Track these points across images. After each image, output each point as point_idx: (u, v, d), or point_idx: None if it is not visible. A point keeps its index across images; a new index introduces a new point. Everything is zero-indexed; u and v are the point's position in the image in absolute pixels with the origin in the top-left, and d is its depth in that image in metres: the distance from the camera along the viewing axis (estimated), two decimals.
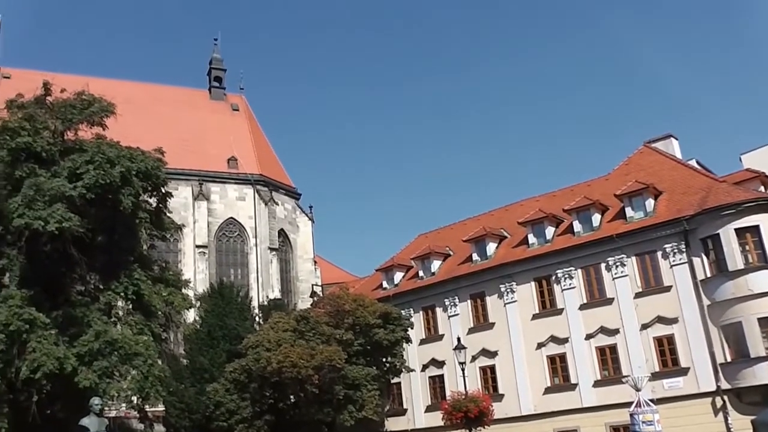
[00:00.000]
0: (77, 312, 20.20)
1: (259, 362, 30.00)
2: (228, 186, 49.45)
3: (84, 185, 19.65)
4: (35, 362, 18.00)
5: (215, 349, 34.66)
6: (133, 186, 20.71)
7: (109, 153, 20.47)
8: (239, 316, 36.64)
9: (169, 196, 23.74)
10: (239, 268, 48.29)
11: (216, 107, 55.24)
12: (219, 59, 57.95)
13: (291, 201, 52.71)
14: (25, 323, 18.13)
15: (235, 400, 30.96)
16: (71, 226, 18.85)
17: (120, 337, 19.62)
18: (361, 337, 32.62)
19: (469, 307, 36.87)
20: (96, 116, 21.97)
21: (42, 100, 21.93)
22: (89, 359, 19.16)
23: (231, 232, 48.73)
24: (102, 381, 19.16)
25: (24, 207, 18.85)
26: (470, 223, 41.25)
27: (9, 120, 20.36)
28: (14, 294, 18.58)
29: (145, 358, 19.80)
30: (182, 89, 56.14)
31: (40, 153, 20.31)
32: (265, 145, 55.58)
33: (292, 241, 51.36)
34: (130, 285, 21.05)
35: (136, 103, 44.50)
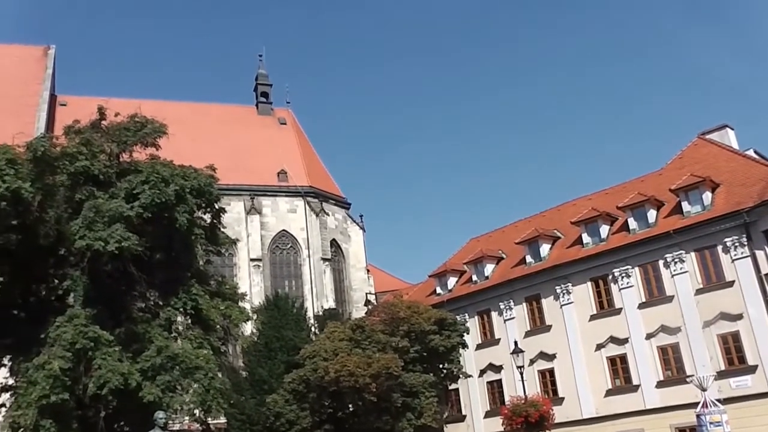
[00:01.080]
0: (139, 328, 20.65)
1: (317, 372, 30.23)
2: (279, 199, 50.05)
3: (140, 205, 20.09)
4: (101, 378, 18.45)
5: (273, 360, 35.08)
6: (187, 203, 21.10)
7: (163, 172, 20.90)
8: (295, 327, 37.03)
9: (222, 211, 24.10)
10: (293, 280, 48.75)
11: (264, 122, 56.02)
12: (264, 75, 58.79)
13: (341, 211, 53.05)
14: (90, 341, 18.61)
15: (294, 411, 31.26)
16: (130, 245, 19.29)
17: (181, 352, 19.97)
18: (417, 344, 32.60)
19: (524, 310, 36.53)
20: (149, 137, 22.45)
21: (97, 125, 22.52)
22: (152, 374, 19.54)
23: (284, 245, 49.27)
24: (165, 395, 19.50)
25: (85, 229, 19.38)
26: (522, 225, 40.91)
27: (67, 145, 20.93)
28: (79, 313, 19.09)
29: (205, 372, 20.10)
30: (230, 106, 57.16)
31: (97, 176, 20.86)
32: (314, 156, 56.10)
33: (344, 250, 51.66)
34: (188, 300, 21.41)
35: (186, 122, 45.44)
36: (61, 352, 18.24)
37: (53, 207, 20.45)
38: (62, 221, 20.39)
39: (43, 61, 51.23)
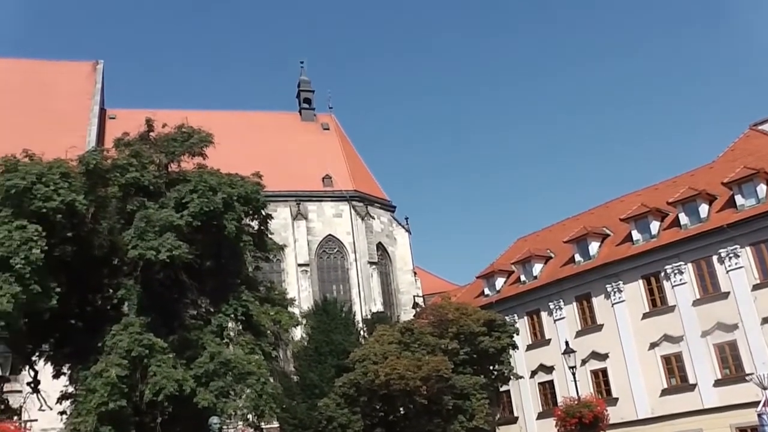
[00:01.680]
0: (192, 335, 20.98)
1: (367, 375, 30.29)
2: (324, 204, 50.37)
3: (190, 214, 20.41)
4: (157, 385, 18.80)
5: (323, 364, 35.29)
6: (235, 211, 21.36)
7: (211, 181, 21.21)
8: (344, 330, 37.20)
9: (269, 218, 24.32)
10: (341, 284, 48.99)
11: (307, 128, 56.46)
12: (307, 81, 59.24)
13: (386, 214, 53.13)
14: (145, 348, 18.99)
15: (346, 414, 31.36)
16: (181, 253, 19.63)
17: (233, 358, 20.20)
18: (467, 346, 32.45)
19: (575, 310, 36.08)
20: (196, 147, 22.79)
21: (146, 136, 22.96)
22: (206, 380, 19.82)
23: (331, 249, 49.54)
24: (219, 400, 19.77)
25: (137, 239, 19.79)
26: (570, 224, 40.42)
27: (118, 158, 21.38)
28: (134, 321, 19.49)
29: (257, 377, 20.30)
30: (274, 113, 57.76)
31: (147, 186, 21.27)
32: (358, 160, 56.34)
33: (390, 253, 51.72)
34: (239, 306, 21.68)
35: (232, 131, 46.07)
36: (117, 359, 18.63)
37: (106, 218, 20.91)
38: (115, 232, 20.84)
39: (93, 77, 52.55)
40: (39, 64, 52.84)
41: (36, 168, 19.39)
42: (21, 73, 50.80)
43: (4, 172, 19.76)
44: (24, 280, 18.08)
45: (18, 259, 17.98)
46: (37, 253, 18.25)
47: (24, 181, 18.84)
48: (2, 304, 17.40)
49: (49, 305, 19.06)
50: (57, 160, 20.16)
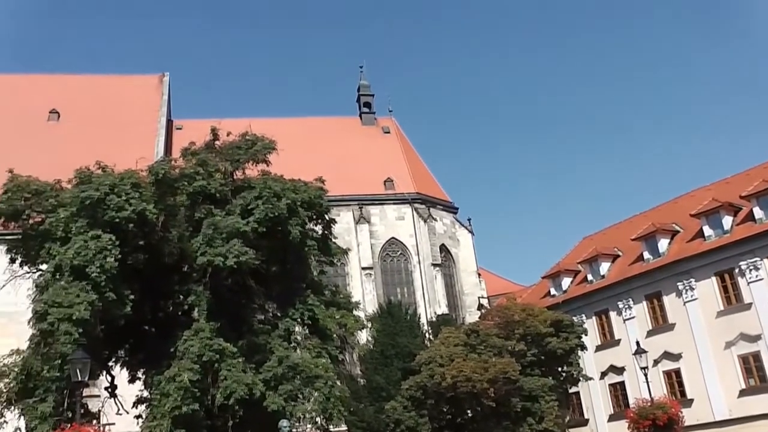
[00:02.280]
0: (260, 340, 21.33)
1: (434, 378, 30.21)
2: (387, 207, 50.47)
3: (255, 220, 20.79)
4: (227, 389, 19.16)
5: (389, 367, 35.37)
6: (299, 216, 21.64)
7: (275, 187, 21.55)
8: (409, 333, 37.21)
9: (333, 222, 24.55)
10: (405, 287, 48.99)
11: (368, 132, 56.73)
12: (366, 85, 59.52)
13: (449, 216, 52.91)
14: (215, 353, 19.38)
15: (413, 417, 31.33)
16: (247, 259, 20.00)
17: (301, 361, 20.45)
18: (534, 348, 32.02)
19: (645, 309, 35.21)
20: (260, 154, 23.18)
21: (211, 145, 23.47)
22: (275, 384, 20.11)
23: (394, 252, 49.61)
24: (288, 404, 20.03)
25: (205, 245, 20.24)
26: (637, 221, 39.48)
27: (185, 167, 21.93)
28: (204, 327, 19.92)
29: (325, 380, 20.48)
30: (335, 119, 58.21)
31: (214, 194, 21.72)
32: (419, 163, 56.29)
33: (453, 255, 51.46)
34: (305, 310, 21.93)
35: (294, 137, 46.61)
36: (189, 364, 19.06)
37: (175, 226, 21.43)
38: (184, 239, 21.33)
39: (159, 89, 54.03)
40: (108, 79, 54.71)
41: (108, 179, 20.05)
42: (92, 88, 52.62)
43: (79, 183, 20.53)
44: (100, 288, 18.71)
45: (94, 267, 18.63)
46: (112, 261, 18.88)
47: (98, 192, 19.50)
48: (80, 312, 18.04)
49: (124, 312, 19.68)
50: (128, 171, 20.79)
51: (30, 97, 50.25)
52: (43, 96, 50.43)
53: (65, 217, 20.02)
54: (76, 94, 51.39)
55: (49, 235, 20.42)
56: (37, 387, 19.68)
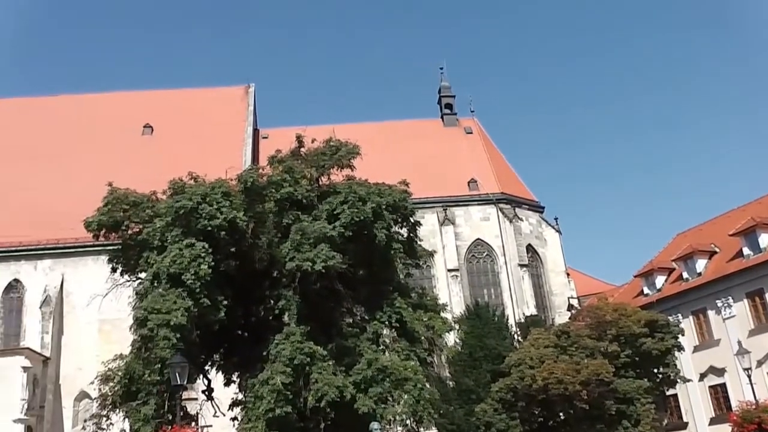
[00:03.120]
0: (349, 342, 21.55)
1: (524, 380, 29.79)
2: (471, 208, 50.15)
3: (341, 224, 21.04)
4: (319, 392, 19.44)
5: (478, 369, 35.10)
6: (384, 219, 21.75)
7: (360, 191, 21.76)
8: (498, 335, 36.84)
9: (418, 225, 24.55)
10: (491, 288, 48.52)
11: (450, 133, 56.55)
12: (447, 87, 59.39)
13: (535, 215, 52.10)
14: (306, 356, 19.70)
15: (504, 420, 30.97)
16: (335, 263, 20.24)
17: (390, 364, 20.52)
18: (627, 348, 31.12)
19: (746, 307, 33.69)
20: (344, 159, 23.44)
21: (297, 152, 23.91)
22: (365, 386, 20.27)
23: (480, 253, 49.22)
24: (378, 406, 20.15)
25: (293, 251, 20.62)
26: (735, 215, 37.80)
27: (272, 174, 22.42)
28: (295, 330, 20.29)
29: (414, 383, 20.49)
30: (416, 121, 58.30)
31: (301, 200, 22.10)
32: (503, 163, 55.69)
33: (541, 255, 50.63)
34: (392, 313, 22.03)
35: (377, 141, 47.03)
36: (281, 367, 19.44)
37: (264, 233, 21.92)
38: (273, 245, 21.78)
39: (245, 100, 55.58)
40: (197, 93, 56.63)
41: (200, 189, 20.73)
42: (182, 102, 54.68)
43: (173, 194, 21.31)
44: (195, 294, 19.36)
45: (189, 275, 19.29)
46: (205, 268, 19.49)
47: (191, 201, 20.19)
48: (177, 318, 18.71)
49: (218, 317, 20.29)
50: (218, 180, 21.44)
51: (125, 113, 52.71)
52: (137, 111, 52.76)
53: (161, 226, 20.83)
54: (167, 109, 53.52)
55: (146, 244, 21.30)
56: (139, 390, 20.56)
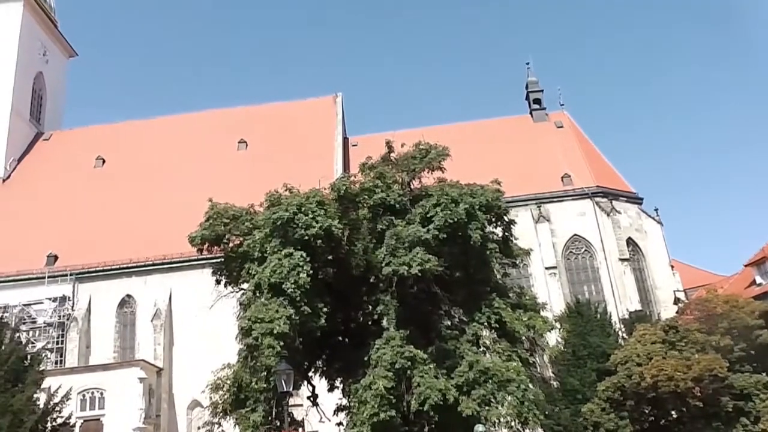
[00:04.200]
0: (449, 345, 21.52)
1: (632, 378, 28.91)
2: (566, 203, 48.97)
3: (435, 227, 21.09)
4: (422, 395, 19.51)
5: (582, 368, 34.25)
6: (478, 220, 21.64)
7: (452, 193, 21.74)
8: (601, 332, 35.85)
9: (512, 223, 24.30)
10: (592, 284, 47.21)
11: (540, 129, 55.50)
12: (534, 81, 58.37)
13: (633, 207, 50.33)
14: (407, 360, 19.82)
15: (613, 420, 30.11)
16: (431, 266, 20.32)
17: (491, 365, 20.37)
18: (741, 342, 29.67)
19: None
20: (434, 162, 23.50)
21: (387, 158, 24.13)
22: (467, 389, 20.19)
23: (577, 249, 48.02)
24: (482, 408, 20.02)
25: (389, 256, 20.84)
26: None
27: (364, 181, 22.73)
28: (394, 335, 20.44)
29: (518, 384, 20.26)
30: (505, 119, 57.52)
31: (393, 205, 22.31)
32: (597, 155, 54.14)
33: (642, 248, 48.84)
34: (491, 314, 21.86)
35: (466, 141, 46.75)
36: (383, 372, 19.63)
37: (359, 239, 22.22)
38: (369, 251, 22.04)
39: (333, 109, 56.47)
40: (287, 106, 58.09)
41: (295, 200, 21.26)
42: (273, 116, 56.23)
43: (270, 206, 21.92)
44: (296, 302, 19.84)
45: (289, 284, 19.79)
46: (305, 277, 19.95)
47: (287, 212, 20.73)
48: (280, 326, 19.23)
49: (319, 324, 20.70)
50: (312, 190, 21.91)
51: (221, 130, 54.70)
52: (232, 128, 54.63)
53: (260, 238, 21.47)
54: (259, 123, 55.16)
55: (247, 256, 21.99)
56: (247, 398, 21.21)
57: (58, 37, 65.03)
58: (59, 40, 65.19)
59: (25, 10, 59.77)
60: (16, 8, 59.39)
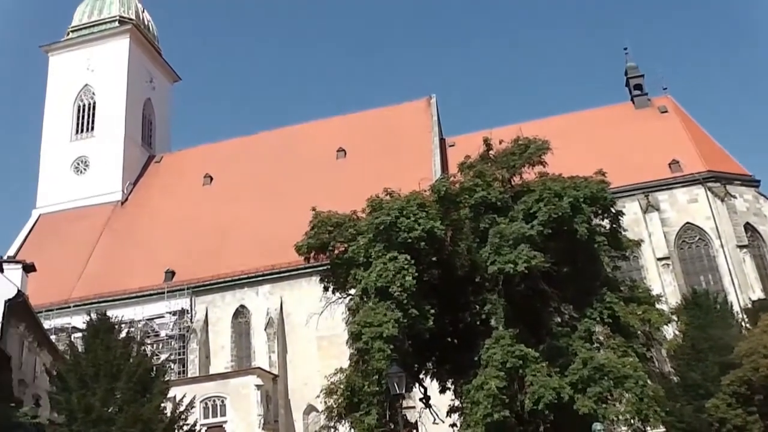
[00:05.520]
0: (561, 342, 21.08)
1: (759, 371, 27.34)
2: (675, 191, 47.00)
3: (539, 223, 20.76)
4: (535, 394, 19.19)
5: (704, 362, 32.64)
6: (583, 213, 21.13)
7: (555, 187, 21.33)
8: (722, 324, 34.10)
9: (620, 215, 23.58)
10: (708, 274, 45.05)
11: (643, 115, 53.51)
12: (634, 67, 56.39)
13: (750, 190, 47.63)
14: (518, 359, 19.55)
15: (740, 415, 28.52)
16: (537, 263, 20.00)
17: (607, 362, 19.79)
18: None
19: None
20: (534, 156, 23.16)
21: (486, 156, 23.97)
22: (582, 386, 19.69)
23: (691, 238, 45.96)
24: (599, 406, 19.49)
25: (493, 254, 20.64)
26: None
27: (464, 181, 22.66)
28: (504, 334, 20.22)
29: (635, 380, 19.58)
30: (605, 108, 55.88)
31: (495, 203, 22.07)
32: (706, 138, 51.66)
33: (762, 233, 46.15)
34: (603, 309, 21.23)
35: (566, 133, 45.69)
36: (494, 372, 19.44)
37: (462, 239, 22.17)
38: (472, 251, 21.94)
39: (428, 111, 56.62)
40: (382, 112, 58.72)
41: (397, 203, 21.46)
42: (370, 122, 57.07)
43: (372, 211, 22.22)
44: (403, 305, 20.00)
45: (395, 287, 19.98)
46: (410, 279, 20.08)
47: (389, 216, 20.96)
48: (389, 329, 19.44)
49: (427, 326, 20.78)
50: (412, 193, 22.06)
51: (320, 140, 56.04)
52: (330, 137, 55.86)
53: (364, 243, 21.78)
54: (357, 131, 56.10)
55: (352, 261, 22.36)
56: (361, 401, 21.52)
57: (162, 64, 68.53)
58: (163, 67, 68.69)
59: (132, 42, 63.48)
60: (124, 43, 63.29)
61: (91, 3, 67.30)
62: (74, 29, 66.09)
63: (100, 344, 26.08)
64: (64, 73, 63.73)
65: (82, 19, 66.45)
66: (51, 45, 65.48)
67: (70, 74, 63.46)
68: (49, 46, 65.48)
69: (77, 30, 65.89)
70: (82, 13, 67.01)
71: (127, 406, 24.51)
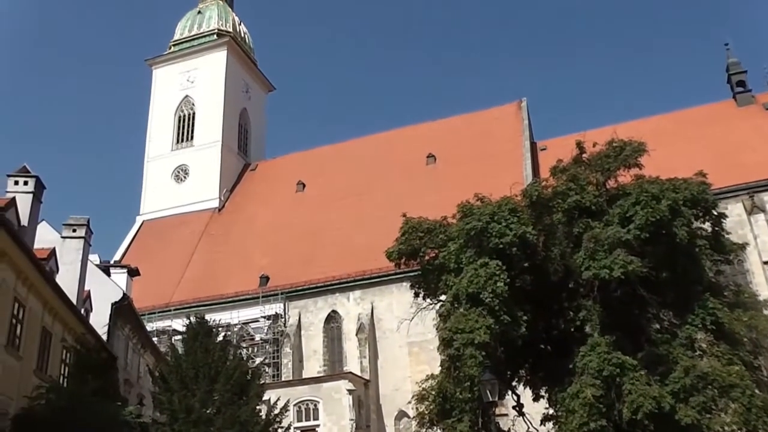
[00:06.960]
0: (660, 350, 20.30)
1: None
2: None
3: (636, 227, 20.09)
4: (634, 403, 18.54)
5: None
6: (683, 216, 20.30)
7: (652, 190, 20.61)
8: None
9: (723, 217, 22.54)
10: None
11: (746, 113, 50.96)
12: (736, 63, 53.86)
13: None
14: (615, 367, 18.99)
15: None
16: (634, 268, 19.37)
17: (710, 370, 18.94)
18: None
19: None
20: (630, 158, 22.43)
21: (579, 159, 23.42)
22: (684, 396, 18.91)
23: None
24: (703, 417, 18.67)
25: (588, 259, 20.15)
26: None
27: (557, 185, 22.22)
28: (600, 341, 19.68)
29: (742, 389, 18.64)
30: (705, 107, 53.61)
31: (589, 207, 21.57)
32: None
33: None
34: (706, 315, 20.30)
35: (664, 134, 44.22)
36: (590, 380, 18.98)
37: (555, 244, 21.71)
38: (566, 256, 21.47)
39: (519, 115, 55.93)
40: (472, 117, 58.52)
41: (488, 209, 21.27)
42: (459, 128, 56.94)
43: (462, 217, 22.10)
44: (494, 312, 19.76)
45: (486, 293, 19.77)
46: (502, 285, 19.83)
47: (480, 222, 20.79)
48: (481, 336, 19.25)
49: (520, 333, 20.45)
50: (504, 198, 21.82)
51: (410, 147, 56.32)
52: (420, 144, 56.04)
53: (455, 249, 21.67)
54: (446, 136, 56.03)
55: (443, 267, 22.28)
56: (452, 408, 21.39)
57: (258, 75, 70.66)
58: (258, 77, 70.82)
59: (229, 54, 65.80)
60: (221, 56, 65.72)
61: (192, 17, 70.33)
62: (176, 43, 69.19)
63: (200, 347, 26.87)
64: (167, 85, 66.80)
65: (183, 33, 69.50)
66: (155, 58, 68.81)
67: (172, 86, 66.46)
68: (153, 59, 68.81)
69: (179, 43, 68.95)
70: (183, 27, 70.09)
71: (225, 407, 25.19)
